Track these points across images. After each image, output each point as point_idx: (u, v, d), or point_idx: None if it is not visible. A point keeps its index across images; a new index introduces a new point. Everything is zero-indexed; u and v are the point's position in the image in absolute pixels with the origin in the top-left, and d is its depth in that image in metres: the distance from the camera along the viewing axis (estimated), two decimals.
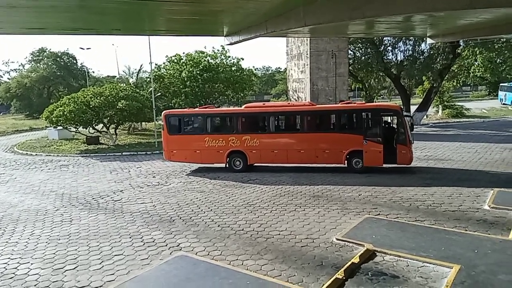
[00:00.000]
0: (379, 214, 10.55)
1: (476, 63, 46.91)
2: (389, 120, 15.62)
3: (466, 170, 15.18)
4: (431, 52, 32.61)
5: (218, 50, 34.26)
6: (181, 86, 32.08)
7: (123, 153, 23.27)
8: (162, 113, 17.79)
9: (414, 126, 16.34)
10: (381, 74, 35.99)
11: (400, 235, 8.89)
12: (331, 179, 14.58)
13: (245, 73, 34.85)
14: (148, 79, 32.84)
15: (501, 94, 47.42)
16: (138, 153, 23.24)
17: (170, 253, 8.53)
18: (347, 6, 8.87)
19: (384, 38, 32.23)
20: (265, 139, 16.38)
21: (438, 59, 32.79)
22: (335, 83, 28.96)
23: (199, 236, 9.45)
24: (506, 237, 8.60)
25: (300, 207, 11.43)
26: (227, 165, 16.63)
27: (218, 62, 34.24)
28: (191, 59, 33.05)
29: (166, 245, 8.98)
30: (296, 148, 15.97)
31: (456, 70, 38.40)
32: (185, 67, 32.52)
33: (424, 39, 24.56)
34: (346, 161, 15.59)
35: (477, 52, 35.33)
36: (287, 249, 8.49)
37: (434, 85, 33.61)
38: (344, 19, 9.43)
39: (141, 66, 52.69)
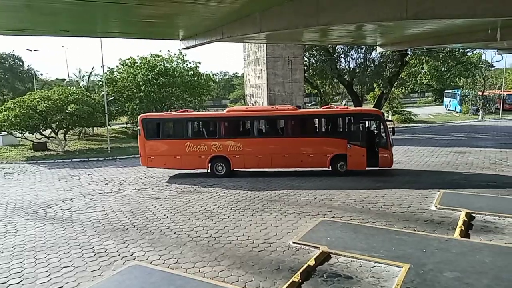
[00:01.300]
0: (333, 216, 10.80)
1: (423, 71, 49.79)
2: (371, 125, 15.93)
3: (414, 173, 15.91)
4: (381, 60, 34.13)
5: (174, 54, 33.83)
6: (135, 90, 31.28)
7: (73, 160, 22.24)
8: (139, 117, 17.04)
9: None
10: (335, 80, 37.15)
11: (354, 236, 9.14)
12: (288, 184, 14.76)
13: (202, 78, 34.64)
14: (100, 83, 31.72)
15: (446, 100, 50.44)
16: (90, 159, 22.30)
17: (123, 263, 8.23)
18: (302, 14, 9.07)
19: (338, 46, 33.34)
20: (249, 143, 16.12)
21: (387, 67, 34.38)
22: (292, 89, 29.50)
23: (154, 245, 9.20)
24: (451, 236, 9.08)
25: (258, 211, 11.46)
26: (209, 171, 16.33)
27: (174, 66, 33.78)
28: (146, 63, 32.36)
29: (118, 255, 8.65)
30: (281, 152, 15.87)
31: (404, 78, 40.46)
32: (139, 70, 31.78)
33: (375, 47, 25.63)
34: (330, 165, 15.84)
35: (424, 60, 37.46)
36: (244, 254, 8.47)
37: (384, 91, 35.17)
38: (299, 26, 9.62)
39: (92, 69, 50.84)
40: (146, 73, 31.21)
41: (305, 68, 33.34)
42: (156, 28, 15.44)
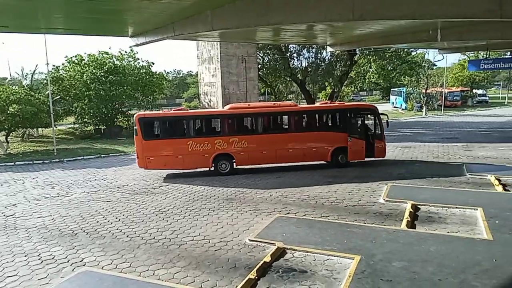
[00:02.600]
0: (289, 212, 10.99)
1: (371, 70, 51.89)
2: (368, 118, 16.79)
3: (364, 168, 16.54)
4: (332, 60, 35.13)
5: (125, 52, 32.82)
6: (83, 89, 30.02)
7: (16, 163, 20.88)
8: (135, 116, 16.04)
9: None
10: (288, 79, 37.75)
11: (308, 231, 9.36)
12: (244, 182, 14.82)
13: (155, 76, 33.90)
14: (45, 81, 30.06)
15: (392, 98, 52.94)
16: (34, 162, 21.05)
17: (73, 270, 7.86)
18: (253, 13, 9.13)
19: (290, 46, 33.89)
20: (254, 140, 16.09)
21: (338, 66, 35.46)
22: (246, 87, 29.62)
23: (106, 249, 8.88)
24: (399, 227, 9.55)
25: (214, 211, 11.40)
26: (213, 169, 16.06)
27: (125, 64, 32.77)
28: (94, 60, 31.13)
29: (67, 262, 8.26)
30: (285, 147, 16.15)
31: (354, 76, 41.97)
32: (87, 68, 30.51)
33: (325, 47, 26.33)
34: (331, 158, 16.49)
35: (371, 60, 39.03)
36: (200, 254, 8.40)
37: (335, 90, 36.27)
38: (250, 25, 9.67)
39: (36, 67, 48.18)
40: (94, 71, 30.03)
41: (259, 66, 33.60)
42: (103, 25, 14.89)
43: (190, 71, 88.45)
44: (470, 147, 20.71)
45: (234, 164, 16.16)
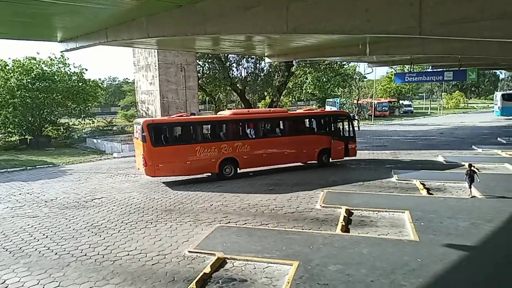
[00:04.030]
0: (229, 222, 10.96)
1: (307, 81, 53.89)
2: (344, 123, 19.12)
3: (301, 176, 17.00)
4: (270, 70, 36.00)
5: (55, 58, 30.92)
6: (7, 96, 27.75)
7: None
8: (142, 122, 15.37)
9: None
10: (228, 88, 37.95)
11: (248, 240, 9.39)
12: (184, 192, 14.54)
13: (88, 83, 32.31)
14: None
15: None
16: None
17: None
18: (190, 22, 9.08)
19: (230, 55, 34.17)
20: (256, 144, 16.91)
21: (276, 77, 36.40)
22: (186, 96, 29.23)
23: (32, 268, 8.20)
24: (334, 231, 9.93)
25: (151, 223, 11.04)
26: (219, 173, 16.30)
27: (55, 70, 30.87)
28: (20, 66, 28.97)
29: None
30: (281, 150, 17.44)
31: (291, 87, 43.26)
32: (12, 74, 28.28)
33: (263, 58, 26.89)
34: (317, 158, 18.37)
35: (307, 71, 40.56)
36: (136, 270, 8.06)
37: (274, 99, 37.10)
38: (187, 33, 9.60)
39: None
40: (20, 77, 27.91)
41: (199, 75, 33.42)
42: (30, 29, 13.90)
43: (127, 78, 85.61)
44: (398, 154, 22.20)
45: (238, 168, 16.74)
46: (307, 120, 19.07)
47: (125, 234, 10.18)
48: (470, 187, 12.76)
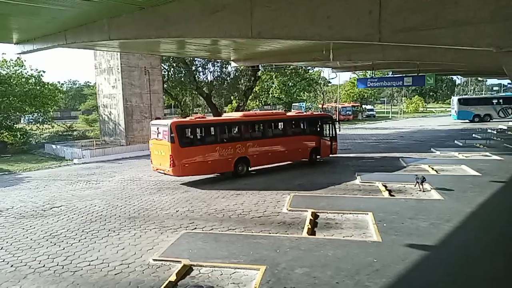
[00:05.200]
0: (195, 228, 10.81)
1: (274, 86, 54.36)
2: (329, 124, 21.13)
3: (268, 180, 17.04)
4: (237, 74, 36.04)
5: (11, 60, 29.54)
6: None
7: None
8: (170, 123, 15.73)
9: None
10: (194, 92, 37.62)
11: (215, 245, 9.30)
12: (148, 198, 14.22)
13: (47, 87, 31.05)
14: None
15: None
16: None
17: None
18: (153, 25, 8.92)
19: (196, 59, 33.90)
20: (263, 143, 18.21)
21: (242, 81, 36.48)
22: (150, 100, 28.72)
23: None
24: (300, 234, 10.02)
25: (114, 231, 10.70)
26: (234, 172, 17.30)
27: (11, 73, 29.48)
28: None
29: None
30: (283, 149, 18.91)
31: (258, 91, 43.50)
32: None
33: (230, 62, 26.90)
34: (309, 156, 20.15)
35: (274, 76, 40.95)
36: (98, 280, 7.78)
37: (241, 104, 37.14)
38: (150, 36, 9.43)
39: None
40: None
41: (164, 79, 32.92)
42: None
43: (88, 81, 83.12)
44: (361, 156, 22.76)
45: (249, 166, 17.82)
46: (302, 121, 20.74)
47: (86, 244, 9.81)
48: (421, 184, 14.02)
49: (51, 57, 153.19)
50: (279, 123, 19.79)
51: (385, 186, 14.69)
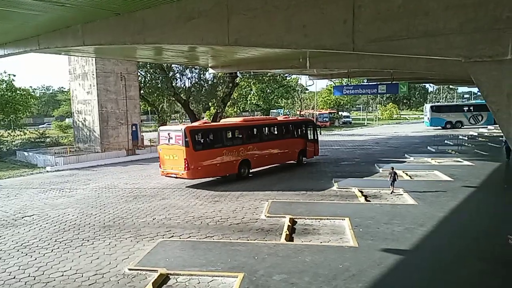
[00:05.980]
0: (172, 236, 10.68)
1: (252, 92, 54.62)
2: (312, 128, 22.92)
3: (246, 186, 17.04)
4: (215, 81, 36.01)
5: None
6: None
7: None
8: (184, 128, 16.53)
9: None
10: (172, 98, 37.33)
11: (192, 253, 9.20)
12: (124, 206, 13.96)
13: (19, 92, 30.18)
14: None
15: None
16: None
17: None
18: (128, 31, 8.81)
19: (173, 65, 33.68)
20: (262, 146, 19.40)
21: (220, 87, 36.45)
22: (126, 106, 28.33)
23: None
24: (278, 241, 10.04)
25: (88, 240, 10.44)
26: (238, 174, 18.12)
27: None
28: None
29: None
30: (277, 151, 20.23)
31: (236, 98, 43.55)
32: None
33: (207, 68, 26.85)
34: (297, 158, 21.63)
35: (252, 83, 41.13)
36: None
37: (219, 110, 37.07)
38: (125, 42, 9.32)
39: None
40: None
41: (141, 85, 32.53)
42: None
43: (62, 87, 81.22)
44: (338, 162, 23.07)
45: (250, 168, 18.72)
46: (292, 125, 22.23)
47: (59, 254, 9.53)
48: (392, 185, 14.61)
49: (23, 61, 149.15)
50: (275, 128, 21.24)
51: (361, 192, 14.93)
